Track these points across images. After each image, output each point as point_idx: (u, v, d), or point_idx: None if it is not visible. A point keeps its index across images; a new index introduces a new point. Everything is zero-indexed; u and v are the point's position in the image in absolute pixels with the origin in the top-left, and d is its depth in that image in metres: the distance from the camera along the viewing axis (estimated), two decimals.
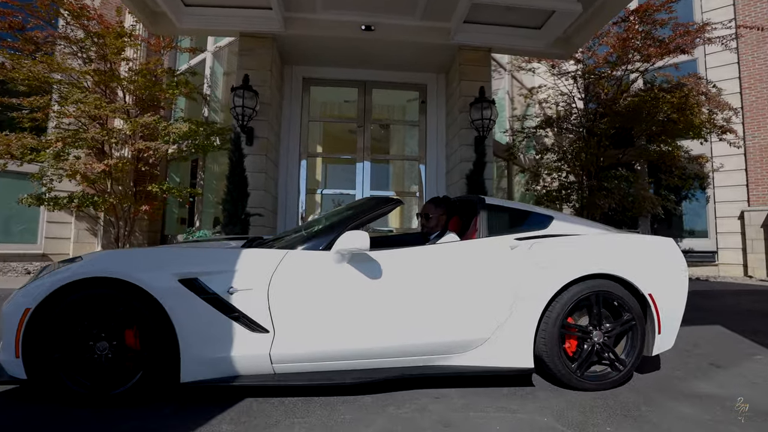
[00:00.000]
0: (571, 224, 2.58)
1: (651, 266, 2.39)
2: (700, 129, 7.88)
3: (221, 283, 2.05)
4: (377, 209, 2.33)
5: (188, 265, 2.07)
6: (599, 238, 2.45)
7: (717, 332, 3.73)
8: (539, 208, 2.72)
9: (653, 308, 2.34)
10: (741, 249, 9.61)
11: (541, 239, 2.35)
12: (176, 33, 7.67)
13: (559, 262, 2.26)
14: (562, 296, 2.25)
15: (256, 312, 2.06)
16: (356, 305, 2.12)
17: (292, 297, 2.08)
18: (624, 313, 2.33)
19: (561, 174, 9.90)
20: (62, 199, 7.12)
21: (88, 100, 6.58)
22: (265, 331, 2.07)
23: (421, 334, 2.17)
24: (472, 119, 7.24)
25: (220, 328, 2.04)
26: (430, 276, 2.21)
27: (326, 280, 2.12)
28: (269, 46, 7.26)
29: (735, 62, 9.89)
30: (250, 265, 2.10)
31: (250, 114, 6.76)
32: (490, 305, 2.21)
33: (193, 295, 2.02)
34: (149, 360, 1.99)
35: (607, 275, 2.31)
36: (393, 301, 2.14)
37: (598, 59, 9.05)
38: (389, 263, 2.17)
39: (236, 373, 2.06)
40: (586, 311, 2.34)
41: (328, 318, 2.10)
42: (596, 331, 2.30)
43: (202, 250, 2.23)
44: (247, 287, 2.06)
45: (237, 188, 6.19)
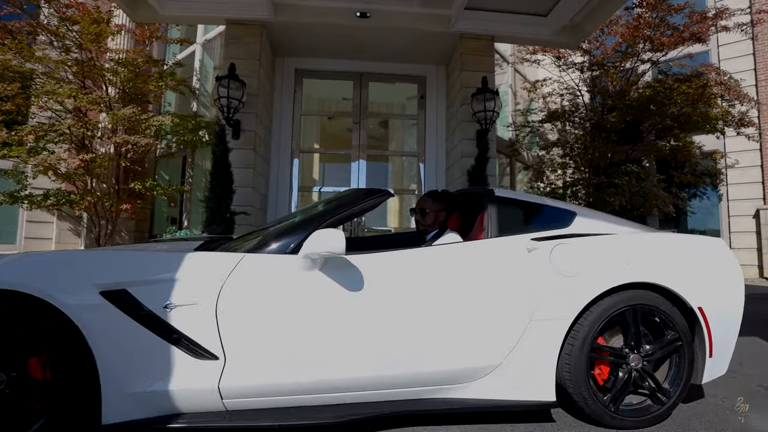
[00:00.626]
0: (598, 221, 2.12)
1: (700, 273, 1.94)
2: (717, 122, 7.41)
3: (157, 296, 1.60)
4: (359, 203, 1.87)
5: (114, 274, 1.62)
6: (635, 239, 2.00)
7: (757, 347, 3.28)
8: (559, 201, 2.26)
9: (703, 325, 1.88)
10: (756, 249, 9.15)
11: (564, 240, 1.89)
12: (158, 20, 7.22)
13: (587, 268, 1.80)
14: (591, 311, 1.79)
15: (202, 333, 1.61)
16: (332, 324, 1.67)
17: (248, 314, 1.63)
18: (667, 331, 1.87)
19: (567, 171, 9.45)
20: (36, 197, 6.67)
21: (61, 91, 6.12)
22: (213, 358, 1.61)
23: (414, 360, 1.71)
24: (474, 111, 6.79)
25: (154, 355, 1.58)
26: (425, 286, 1.75)
27: (292, 292, 1.66)
28: (258, 34, 6.82)
29: (750, 53, 9.42)
30: (195, 272, 1.65)
31: (237, 106, 6.32)
32: (500, 323, 1.76)
33: (119, 312, 1.56)
34: (60, 396, 1.53)
35: (647, 285, 1.85)
36: (378, 319, 1.69)
37: (606, 50, 8.60)
38: (374, 270, 1.71)
39: (176, 411, 1.61)
40: (620, 330, 1.88)
41: (295, 340, 1.64)
42: (633, 355, 1.84)
43: (133, 254, 1.77)
44: (190, 301, 1.60)
45: (221, 185, 5.75)
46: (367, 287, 1.67)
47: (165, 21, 7.56)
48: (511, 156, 9.98)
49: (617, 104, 8.14)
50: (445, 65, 8.29)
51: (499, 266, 1.82)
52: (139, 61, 7.32)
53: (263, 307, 1.64)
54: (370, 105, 8.61)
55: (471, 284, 1.78)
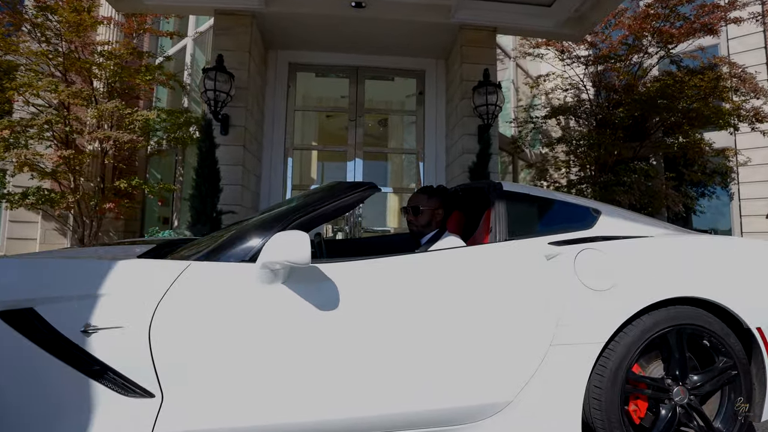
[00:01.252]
0: (627, 221, 1.77)
1: (758, 286, 1.58)
2: (730, 117, 7.06)
3: (73, 316, 1.25)
4: (339, 198, 1.51)
5: (17, 289, 1.26)
6: (676, 243, 1.64)
7: None
8: (580, 198, 1.90)
9: (764, 349, 1.53)
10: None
11: (591, 244, 1.53)
12: (143, 10, 6.88)
13: (622, 280, 1.45)
14: (626, 333, 1.45)
15: (132, 364, 1.26)
16: (298, 354, 1.31)
17: (191, 339, 1.28)
18: (719, 357, 1.52)
19: (571, 169, 9.11)
20: (14, 196, 6.34)
21: (38, 83, 5.78)
22: (146, 395, 1.26)
23: (403, 398, 1.35)
24: (475, 105, 6.45)
25: (68, 392, 1.23)
26: (416, 303, 1.39)
27: (247, 311, 1.31)
28: (248, 24, 6.49)
29: (761, 47, 9.08)
30: (125, 287, 1.29)
31: (225, 99, 5.97)
32: (512, 351, 1.40)
33: (21, 337, 1.21)
34: None
35: (693, 300, 1.50)
36: (357, 347, 1.33)
37: (612, 43, 8.26)
38: (353, 284, 1.36)
39: None
40: (660, 356, 1.52)
41: (249, 374, 1.29)
42: (678, 387, 1.49)
43: (43, 262, 1.41)
44: (115, 323, 1.25)
45: (207, 182, 5.41)
46: (344, 306, 1.32)
47: (150, 11, 7.22)
48: (514, 153, 9.64)
49: (624, 99, 7.79)
50: (444, 59, 7.96)
51: (510, 278, 1.47)
52: (123, 53, 6.96)
53: (211, 331, 1.29)
54: (367, 101, 8.29)
55: (474, 300, 1.42)
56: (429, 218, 1.97)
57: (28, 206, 6.61)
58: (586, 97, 8.76)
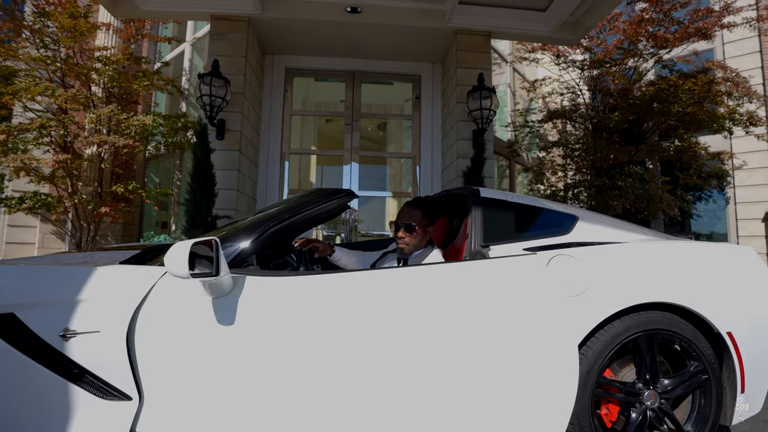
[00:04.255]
0: (603, 227, 1.79)
1: (730, 290, 1.61)
2: (724, 120, 7.10)
3: (52, 321, 1.28)
4: (316, 205, 1.54)
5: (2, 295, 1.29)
6: (650, 249, 1.67)
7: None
8: (557, 203, 1.93)
9: (734, 354, 1.56)
10: (765, 254, 8.80)
11: (564, 250, 1.56)
12: (140, 16, 6.95)
13: (593, 286, 1.47)
14: (597, 338, 1.47)
15: (110, 367, 1.29)
16: (224, 364, 1.32)
17: (166, 344, 1.30)
18: (690, 361, 1.55)
19: (567, 172, 9.13)
20: (12, 200, 6.38)
21: (34, 88, 5.84)
22: (124, 398, 1.29)
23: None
24: (469, 110, 6.49)
25: (47, 395, 1.26)
26: (366, 326, 1.39)
27: (197, 319, 1.31)
28: (244, 30, 6.54)
29: (757, 51, 9.12)
30: (103, 292, 1.33)
31: (220, 104, 6.03)
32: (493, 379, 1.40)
33: (1, 341, 1.24)
34: None
35: (665, 305, 1.53)
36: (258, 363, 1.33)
37: (608, 48, 8.31)
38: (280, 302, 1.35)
39: None
40: (632, 360, 1.55)
41: (208, 378, 1.30)
42: (649, 391, 1.51)
43: (22, 268, 1.44)
44: (93, 328, 1.28)
45: (201, 187, 5.43)
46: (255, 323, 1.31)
47: (147, 17, 7.29)
48: (510, 157, 9.67)
49: (619, 103, 7.83)
50: (440, 63, 8.01)
51: (488, 296, 1.45)
52: (120, 58, 7.03)
53: (180, 337, 1.31)
54: (366, 105, 8.33)
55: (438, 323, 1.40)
56: (422, 235, 1.93)
57: (25, 210, 6.65)
58: (582, 101, 8.80)
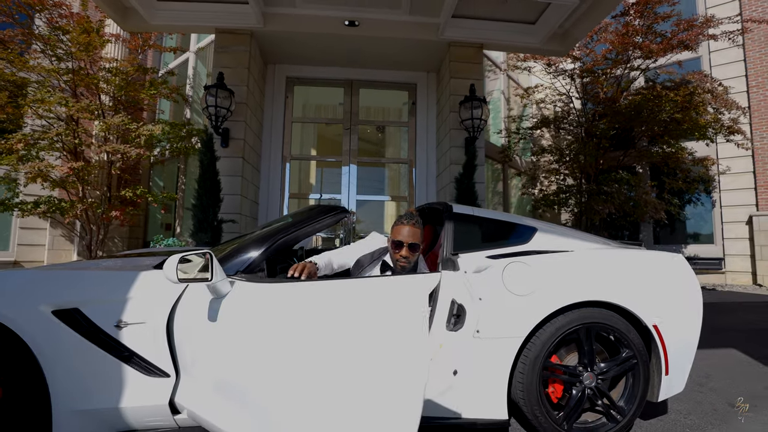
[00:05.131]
0: (558, 237, 2.13)
1: (656, 290, 1.94)
2: (706, 129, 7.43)
3: (109, 314, 1.62)
4: (313, 221, 1.89)
5: (67, 293, 1.64)
6: (591, 256, 2.00)
7: (732, 358, 3.26)
8: (520, 217, 2.27)
9: (659, 343, 1.89)
10: (749, 256, 9.12)
11: (518, 258, 1.90)
12: (148, 29, 7.28)
13: (540, 287, 1.81)
14: (544, 330, 1.81)
15: (153, 351, 1.63)
16: (229, 350, 1.57)
17: (197, 333, 1.63)
18: (622, 349, 1.88)
19: (559, 177, 9.45)
20: (27, 205, 6.71)
21: (51, 99, 6.17)
22: (163, 375, 1.63)
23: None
24: (461, 119, 6.82)
25: (105, 372, 1.60)
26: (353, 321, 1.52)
27: (213, 315, 1.63)
28: (247, 42, 6.87)
29: (741, 60, 9.45)
30: (147, 291, 1.67)
31: (225, 114, 6.36)
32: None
33: (71, 330, 1.58)
34: (10, 415, 1.55)
35: (601, 303, 1.86)
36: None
37: (597, 57, 8.63)
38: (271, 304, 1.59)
39: (127, 428, 1.63)
40: (575, 348, 1.89)
41: (228, 364, 1.59)
42: (587, 373, 1.85)
43: (85, 272, 1.78)
44: (140, 320, 1.62)
45: (208, 193, 5.77)
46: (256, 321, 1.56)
47: (155, 30, 7.62)
48: (504, 162, 9.99)
49: (607, 111, 8.15)
50: (435, 72, 8.33)
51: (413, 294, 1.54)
52: (129, 69, 7.36)
53: (206, 328, 1.63)
54: (364, 109, 8.67)
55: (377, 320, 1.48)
56: (421, 250, 2.05)
57: (39, 214, 6.98)
58: (573, 108, 9.12)
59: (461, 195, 6.42)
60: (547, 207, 9.06)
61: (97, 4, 6.29)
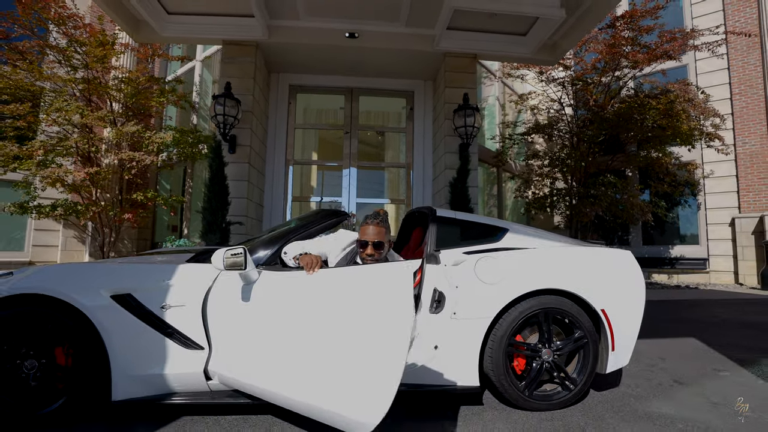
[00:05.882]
0: (526, 237, 2.52)
1: (604, 281, 2.33)
2: (688, 136, 7.83)
3: (155, 299, 2.01)
4: (318, 223, 2.29)
5: (122, 281, 2.03)
6: (550, 252, 2.39)
7: (689, 345, 3.65)
8: (494, 219, 2.66)
9: (606, 325, 2.28)
10: (732, 256, 9.51)
11: (488, 254, 2.29)
12: (159, 41, 7.69)
13: (505, 277, 2.20)
14: (509, 313, 2.19)
15: (191, 328, 2.01)
16: (256, 325, 1.96)
17: (226, 314, 2.02)
18: (575, 330, 2.26)
19: (550, 181, 9.84)
20: (45, 208, 7.10)
21: (69, 108, 6.57)
22: (199, 348, 2.02)
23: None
24: (455, 126, 7.22)
25: (152, 345, 1.99)
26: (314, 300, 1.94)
27: (242, 298, 2.02)
28: (252, 53, 7.27)
29: (725, 68, 9.85)
30: (185, 280, 2.06)
31: (232, 122, 6.75)
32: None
33: (126, 311, 1.97)
34: (79, 378, 1.94)
35: (557, 291, 2.25)
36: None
37: (586, 66, 9.03)
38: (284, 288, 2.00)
39: (170, 390, 2.01)
40: (537, 329, 2.28)
41: (251, 338, 1.97)
42: (545, 350, 2.23)
43: (136, 265, 2.18)
44: (180, 303, 2.01)
45: (216, 197, 6.16)
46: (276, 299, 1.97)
47: (165, 41, 8.04)
48: (498, 166, 10.38)
49: (594, 119, 8.55)
50: (432, 80, 8.72)
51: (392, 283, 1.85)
52: (142, 79, 7.77)
53: (233, 309, 2.02)
54: (364, 113, 9.07)
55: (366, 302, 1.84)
56: (387, 247, 2.34)
57: (56, 217, 7.37)
58: (564, 114, 9.52)
59: (455, 198, 6.82)
60: (540, 209, 9.46)
61: (112, 18, 6.68)
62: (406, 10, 6.87)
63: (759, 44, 9.36)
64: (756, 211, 9.19)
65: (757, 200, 9.22)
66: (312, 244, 2.24)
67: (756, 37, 9.25)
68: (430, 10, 6.79)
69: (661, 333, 4.12)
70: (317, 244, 2.29)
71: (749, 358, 3.23)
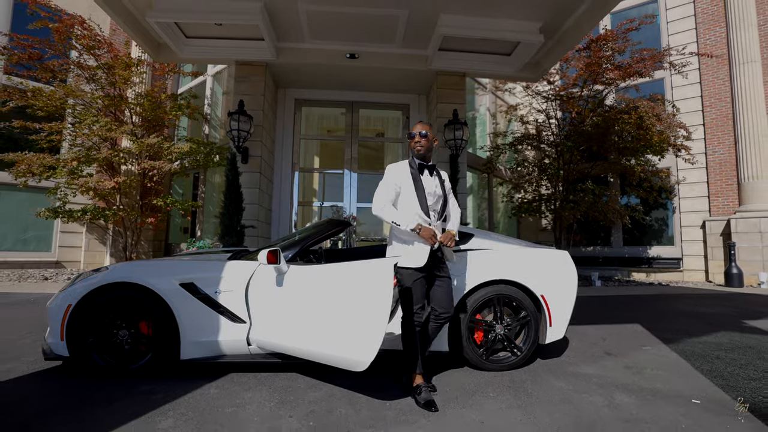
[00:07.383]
0: (487, 240, 3.29)
1: (544, 273, 3.09)
2: (659, 147, 8.61)
3: (211, 286, 2.77)
4: (327, 232, 3.05)
5: (187, 273, 2.79)
6: (503, 252, 3.16)
7: (632, 330, 4.40)
8: (464, 227, 3.43)
9: (545, 306, 3.04)
10: (703, 256, 10.28)
11: (458, 253, 3.05)
12: (177, 61, 8.43)
13: (468, 270, 2.96)
14: (472, 297, 2.95)
15: (237, 307, 2.77)
16: (285, 305, 2.71)
17: (262, 297, 2.78)
18: (521, 311, 3.02)
19: (536, 186, 10.60)
20: (76, 212, 7.86)
21: (99, 123, 7.35)
22: (242, 322, 2.77)
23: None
24: (446, 139, 7.98)
25: (209, 320, 2.74)
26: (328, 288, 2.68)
27: (275, 285, 2.78)
28: (262, 72, 8.04)
29: (697, 82, 10.63)
30: (232, 273, 2.82)
31: (245, 136, 7.51)
32: None
33: (190, 295, 2.73)
34: (158, 343, 2.70)
35: (507, 281, 3.01)
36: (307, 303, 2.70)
37: (569, 80, 9.80)
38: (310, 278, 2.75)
39: (221, 353, 2.77)
40: (492, 309, 3.04)
41: (280, 315, 2.73)
42: (498, 325, 2.99)
43: (197, 262, 2.94)
44: (229, 289, 2.77)
45: (232, 203, 6.91)
46: (304, 286, 2.76)
47: (182, 62, 8.77)
48: (488, 173, 11.15)
49: (574, 130, 9.33)
50: (425, 95, 9.49)
51: None
52: (162, 96, 8.53)
53: (268, 293, 2.78)
54: (365, 119, 9.83)
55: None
56: (431, 143, 2.68)
57: (86, 221, 8.14)
58: (549, 124, 10.29)
59: None
60: (526, 213, 10.23)
61: (137, 42, 7.44)
62: (401, 34, 7.63)
63: (727, 61, 10.14)
64: (724, 215, 9.97)
65: (725, 204, 9.99)
66: None
67: (724, 56, 10.03)
68: (423, 34, 7.56)
69: (613, 320, 4.89)
70: None
71: (674, 338, 3.99)
